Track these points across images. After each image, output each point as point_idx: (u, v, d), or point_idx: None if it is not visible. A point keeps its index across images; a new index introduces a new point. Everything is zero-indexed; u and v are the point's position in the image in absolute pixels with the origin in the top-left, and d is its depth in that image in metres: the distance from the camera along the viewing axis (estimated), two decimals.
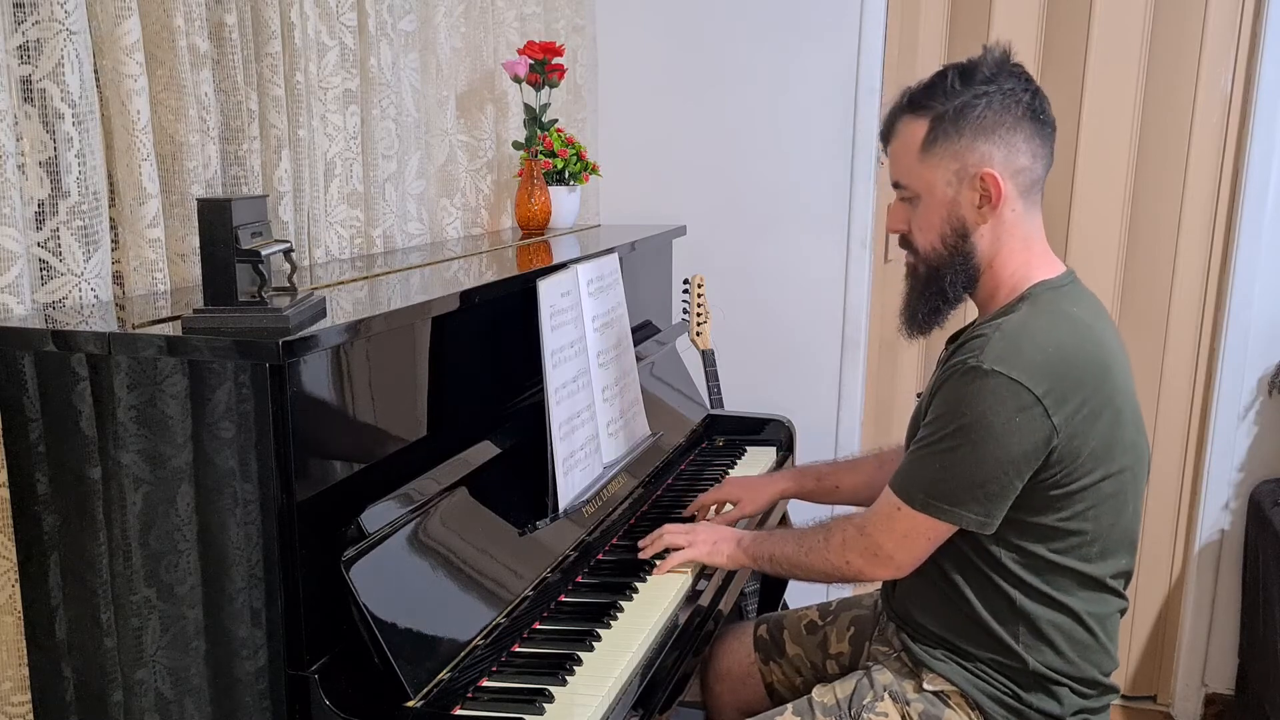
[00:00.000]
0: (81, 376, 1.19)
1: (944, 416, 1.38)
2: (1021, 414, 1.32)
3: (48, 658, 1.28)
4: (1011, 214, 1.42)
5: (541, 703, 1.27)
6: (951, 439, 1.36)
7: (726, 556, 1.65)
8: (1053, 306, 1.40)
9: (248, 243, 1.17)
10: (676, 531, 1.69)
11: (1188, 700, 2.80)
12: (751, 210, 2.88)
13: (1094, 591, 1.43)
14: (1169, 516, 2.79)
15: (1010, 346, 1.34)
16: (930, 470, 1.39)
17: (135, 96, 1.37)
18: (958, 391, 1.36)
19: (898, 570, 1.47)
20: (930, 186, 1.43)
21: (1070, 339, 1.37)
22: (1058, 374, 1.33)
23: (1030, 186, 1.43)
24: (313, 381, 1.23)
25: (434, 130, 2.19)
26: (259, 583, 1.19)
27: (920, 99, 1.43)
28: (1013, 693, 1.44)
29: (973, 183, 1.40)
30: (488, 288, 1.58)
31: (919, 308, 1.50)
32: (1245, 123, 2.55)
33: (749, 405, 2.69)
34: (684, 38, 2.85)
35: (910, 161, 1.45)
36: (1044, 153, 1.43)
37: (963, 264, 1.44)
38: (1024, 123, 1.40)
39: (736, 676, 1.82)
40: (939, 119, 1.40)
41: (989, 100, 1.39)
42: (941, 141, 1.41)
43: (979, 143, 1.39)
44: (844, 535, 1.50)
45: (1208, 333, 2.68)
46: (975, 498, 1.36)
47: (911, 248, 1.50)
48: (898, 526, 1.43)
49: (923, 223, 1.46)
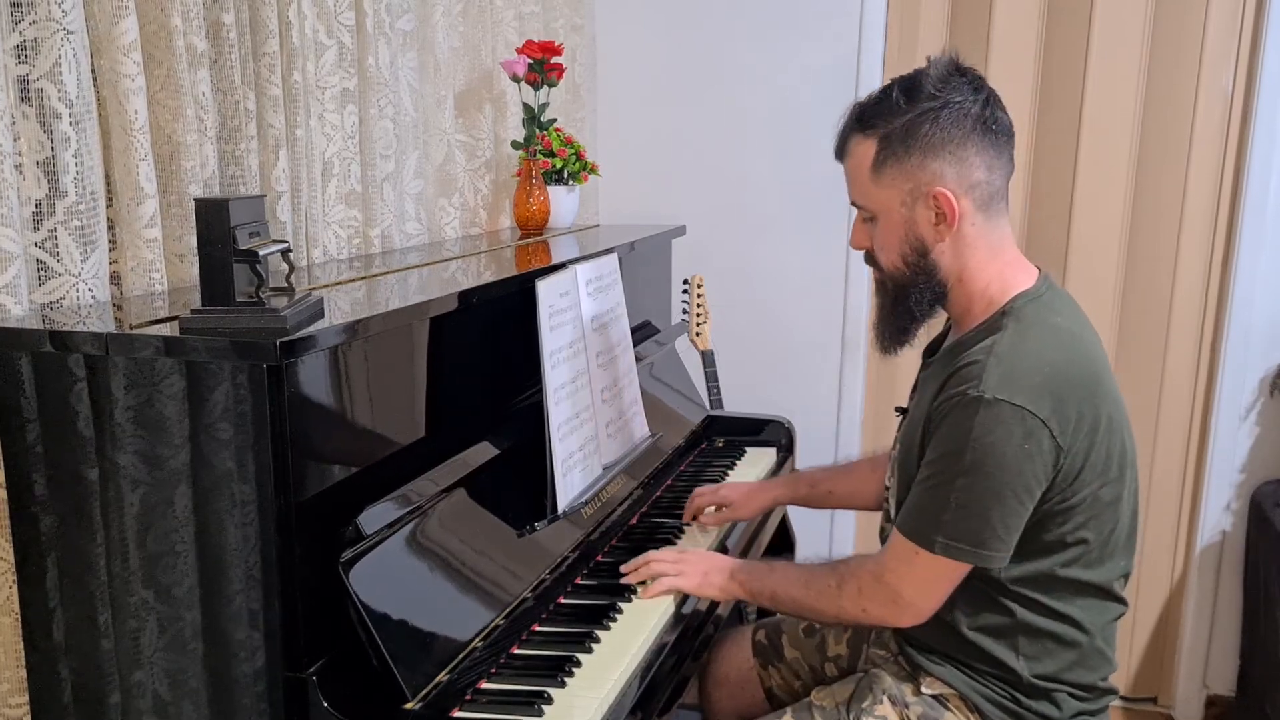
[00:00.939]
0: (79, 377, 1.19)
1: (951, 453, 1.33)
2: (1029, 440, 1.29)
3: (45, 659, 1.27)
4: (972, 228, 1.39)
5: (540, 705, 1.26)
6: (964, 476, 1.31)
7: (718, 589, 1.58)
8: (1039, 321, 1.37)
9: (245, 243, 1.17)
10: (664, 560, 1.61)
11: (1189, 702, 2.80)
12: (751, 210, 2.87)
13: (1094, 599, 1.42)
14: (1170, 518, 2.79)
15: (1008, 371, 1.31)
16: (945, 510, 1.33)
17: (133, 96, 1.37)
18: (962, 424, 1.31)
19: (918, 616, 1.41)
20: (885, 207, 1.41)
21: (1062, 356, 1.35)
22: (1057, 395, 1.31)
23: (990, 199, 1.39)
24: (310, 382, 1.22)
25: (432, 130, 2.18)
26: (257, 584, 1.19)
27: (867, 117, 1.40)
28: (1011, 697, 1.44)
29: (926, 201, 1.37)
30: (486, 288, 1.58)
31: (887, 326, 1.49)
32: (1246, 122, 2.54)
33: (749, 406, 2.69)
34: (683, 37, 2.85)
35: (864, 183, 1.42)
36: (1000, 162, 1.38)
37: (926, 281, 1.42)
38: (974, 136, 1.35)
39: (735, 681, 1.81)
40: (886, 139, 1.37)
41: (935, 116, 1.35)
42: (891, 162, 1.38)
43: (929, 161, 1.35)
44: (859, 583, 1.44)
45: (1209, 333, 2.67)
46: (996, 534, 1.32)
47: (876, 265, 1.48)
48: (918, 573, 1.38)
49: (882, 242, 1.44)
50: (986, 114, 1.37)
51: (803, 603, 1.51)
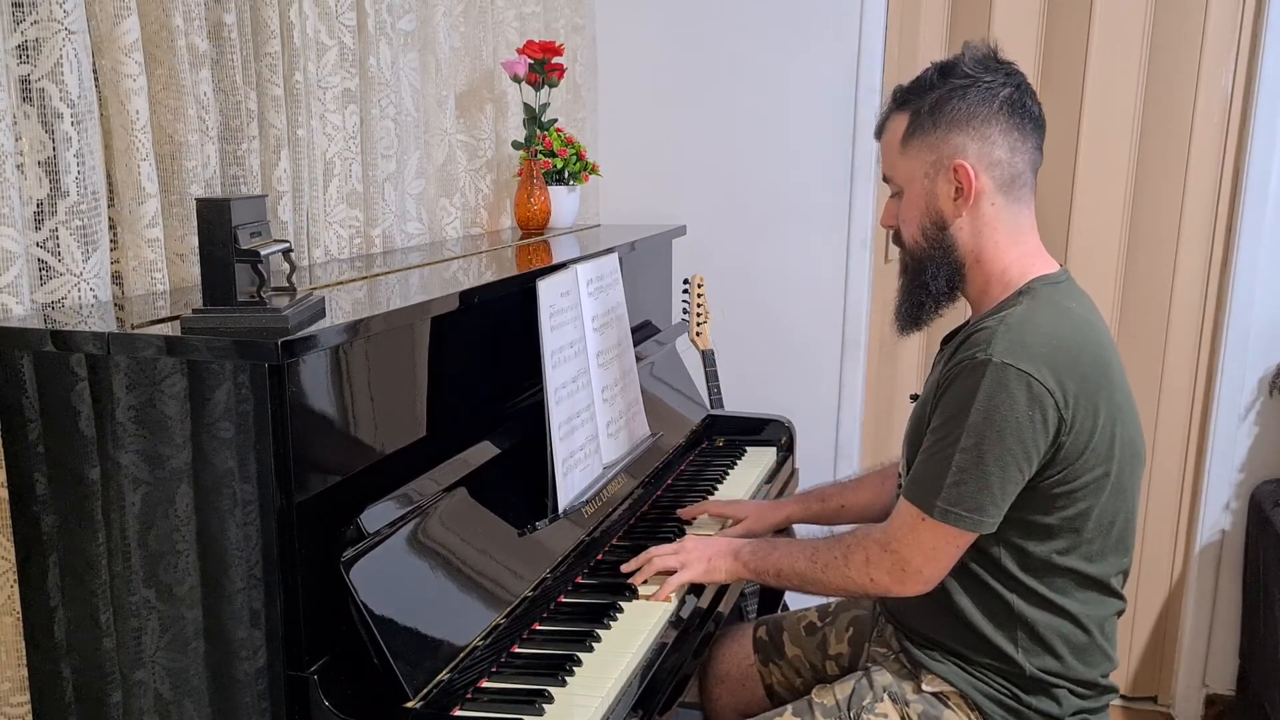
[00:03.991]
0: (80, 377, 1.19)
1: (956, 415, 1.35)
2: (1035, 406, 1.31)
3: (46, 658, 1.27)
4: (991, 207, 1.42)
5: (541, 704, 1.26)
6: (967, 438, 1.33)
7: (725, 572, 1.59)
8: (1053, 301, 1.40)
9: (247, 243, 1.17)
10: (665, 553, 1.61)
11: (1188, 701, 2.80)
12: (751, 210, 2.88)
13: (1093, 593, 1.43)
14: (1169, 517, 2.79)
15: (1017, 339, 1.33)
16: (947, 474, 1.35)
17: (134, 96, 1.37)
18: (968, 387, 1.33)
19: (926, 584, 1.42)
20: (910, 178, 1.46)
21: (1073, 334, 1.36)
22: (1065, 367, 1.33)
23: (1011, 181, 1.42)
24: (312, 382, 1.23)
25: (433, 130, 2.18)
26: (258, 583, 1.19)
27: (905, 95, 1.46)
28: (1012, 694, 1.44)
29: (947, 174, 1.42)
30: (487, 288, 1.58)
31: (904, 302, 1.52)
32: (1246, 122, 2.55)
33: (749, 405, 2.69)
34: (684, 37, 2.85)
35: (894, 155, 1.48)
36: (1026, 147, 1.42)
37: (943, 257, 1.45)
38: (1000, 116, 1.40)
39: (735, 678, 1.81)
40: (917, 113, 1.43)
41: (964, 93, 1.40)
42: (919, 134, 1.43)
43: (953, 134, 1.40)
44: (866, 553, 1.45)
45: (1208, 333, 2.68)
46: (994, 499, 1.34)
47: (901, 243, 1.51)
48: (924, 540, 1.39)
49: (906, 215, 1.48)
50: (1015, 98, 1.41)
51: (808, 576, 1.51)
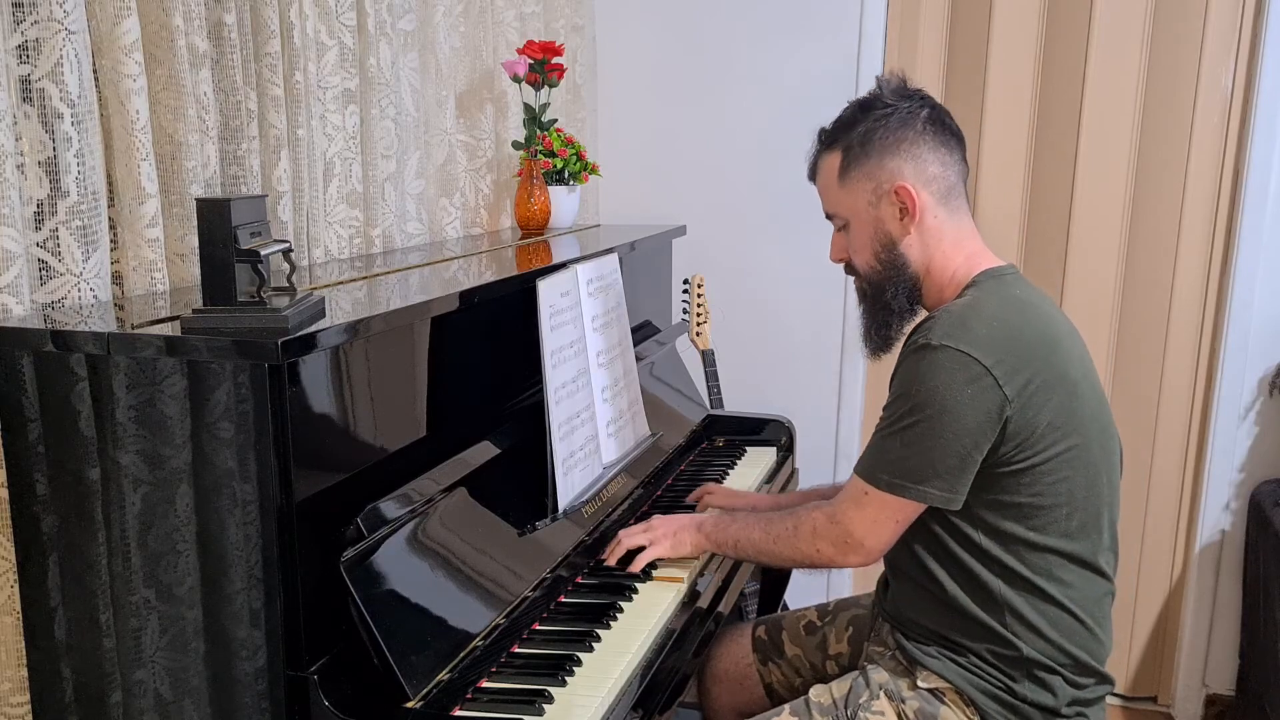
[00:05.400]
0: (80, 377, 1.19)
1: (900, 397, 1.43)
2: (973, 385, 1.37)
3: (47, 658, 1.28)
4: (934, 220, 1.50)
5: (541, 703, 1.26)
6: (909, 416, 1.40)
7: (690, 545, 1.66)
8: (997, 289, 1.47)
9: (247, 243, 1.17)
10: (634, 532, 1.68)
11: (1188, 701, 2.80)
12: (751, 210, 2.88)
13: (1077, 571, 1.45)
14: (1169, 517, 2.79)
15: (958, 322, 1.40)
16: (892, 450, 1.42)
17: (134, 96, 1.37)
18: (910, 370, 1.42)
19: (867, 556, 1.48)
20: (854, 210, 1.54)
21: (1016, 316, 1.43)
22: (1005, 347, 1.39)
23: (947, 192, 1.51)
24: (312, 382, 1.23)
25: (433, 130, 2.19)
26: (258, 583, 1.19)
27: (832, 134, 1.56)
28: (1006, 686, 1.45)
29: (890, 198, 1.50)
30: (487, 288, 1.58)
31: (871, 324, 1.59)
32: (1246, 123, 2.55)
33: (749, 405, 2.69)
34: (684, 37, 2.85)
35: (834, 192, 1.56)
36: (953, 159, 1.51)
37: (899, 275, 1.52)
38: (926, 135, 1.49)
39: (735, 677, 1.81)
40: (848, 148, 1.52)
41: (887, 121, 1.49)
42: (855, 166, 1.52)
43: (887, 160, 1.49)
44: (814, 524, 1.52)
45: (1208, 333, 2.68)
46: (937, 473, 1.40)
47: (855, 272, 1.59)
48: (867, 512, 1.46)
49: (856, 245, 1.56)
50: (935, 116, 1.51)
51: (762, 547, 1.59)
